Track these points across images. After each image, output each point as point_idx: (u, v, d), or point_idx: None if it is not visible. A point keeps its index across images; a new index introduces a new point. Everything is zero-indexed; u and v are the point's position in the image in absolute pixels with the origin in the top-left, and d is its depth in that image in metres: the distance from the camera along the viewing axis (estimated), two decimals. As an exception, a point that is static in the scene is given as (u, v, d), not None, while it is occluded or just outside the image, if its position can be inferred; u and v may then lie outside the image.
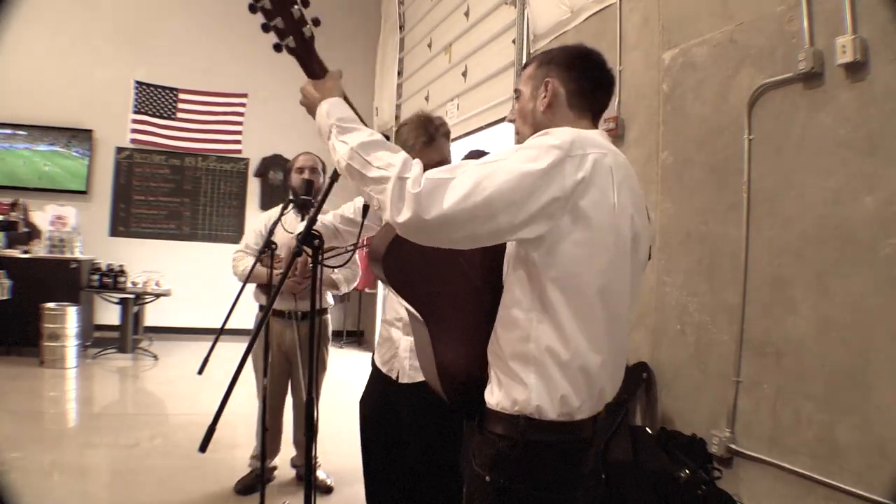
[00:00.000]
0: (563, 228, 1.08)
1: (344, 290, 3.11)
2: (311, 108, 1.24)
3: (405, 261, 1.22)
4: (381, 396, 2.09)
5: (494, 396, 1.18)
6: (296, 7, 1.12)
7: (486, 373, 1.25)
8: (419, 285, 1.26)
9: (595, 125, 1.29)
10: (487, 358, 1.25)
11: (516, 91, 1.36)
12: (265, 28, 1.12)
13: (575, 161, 1.07)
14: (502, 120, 4.32)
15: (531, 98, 1.30)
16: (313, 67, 1.21)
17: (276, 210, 3.22)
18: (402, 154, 1.08)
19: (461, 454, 1.90)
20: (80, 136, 7.01)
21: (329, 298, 3.12)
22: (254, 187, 7.75)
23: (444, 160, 1.91)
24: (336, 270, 2.88)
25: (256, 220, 3.29)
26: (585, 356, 1.12)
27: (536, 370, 1.12)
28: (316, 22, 1.16)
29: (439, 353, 1.25)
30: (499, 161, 1.06)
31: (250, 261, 3.01)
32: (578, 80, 1.26)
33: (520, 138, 1.32)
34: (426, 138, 1.92)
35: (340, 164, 1.13)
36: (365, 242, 1.84)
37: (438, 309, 1.26)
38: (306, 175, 3.01)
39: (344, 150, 1.10)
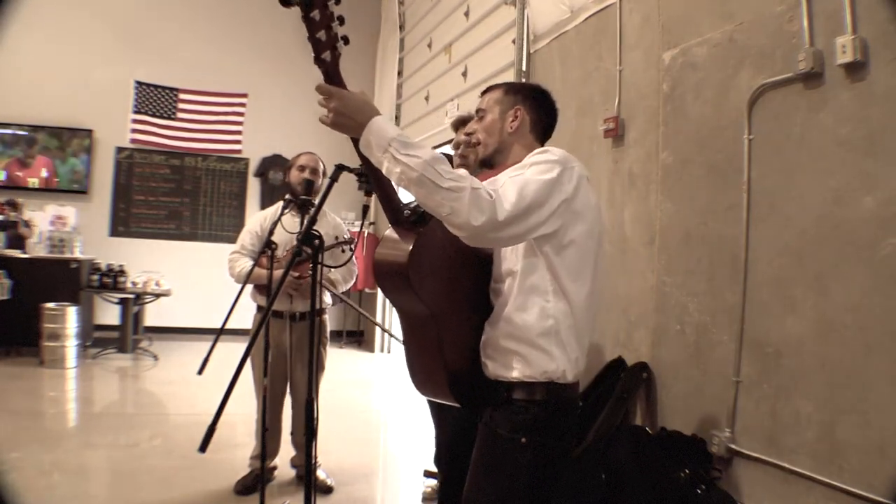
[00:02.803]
0: (567, 224, 1.36)
1: (341, 288, 3.11)
2: (351, 115, 1.26)
3: (424, 266, 1.38)
4: None
5: (521, 371, 1.38)
6: (335, 24, 1.21)
7: (478, 363, 1.46)
8: (435, 287, 1.41)
9: (542, 146, 1.56)
10: (481, 349, 1.46)
11: (479, 111, 1.59)
12: (310, 39, 1.20)
13: (568, 172, 1.36)
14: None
15: (500, 118, 1.54)
16: (339, 81, 1.27)
17: (272, 209, 3.22)
18: (462, 170, 1.26)
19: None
20: (78, 136, 7.01)
21: (327, 298, 3.11)
22: (254, 187, 7.75)
23: None
24: (333, 269, 2.88)
25: (251, 221, 3.26)
26: (583, 319, 1.41)
27: (556, 340, 1.37)
28: (346, 40, 1.24)
29: (446, 352, 1.40)
30: (522, 175, 1.31)
31: (247, 262, 3.01)
32: (540, 113, 1.56)
33: (482, 148, 1.57)
34: None
35: (408, 175, 1.20)
36: (354, 246, 1.99)
37: (446, 310, 1.42)
38: (307, 174, 3.00)
39: (416, 163, 1.20)
